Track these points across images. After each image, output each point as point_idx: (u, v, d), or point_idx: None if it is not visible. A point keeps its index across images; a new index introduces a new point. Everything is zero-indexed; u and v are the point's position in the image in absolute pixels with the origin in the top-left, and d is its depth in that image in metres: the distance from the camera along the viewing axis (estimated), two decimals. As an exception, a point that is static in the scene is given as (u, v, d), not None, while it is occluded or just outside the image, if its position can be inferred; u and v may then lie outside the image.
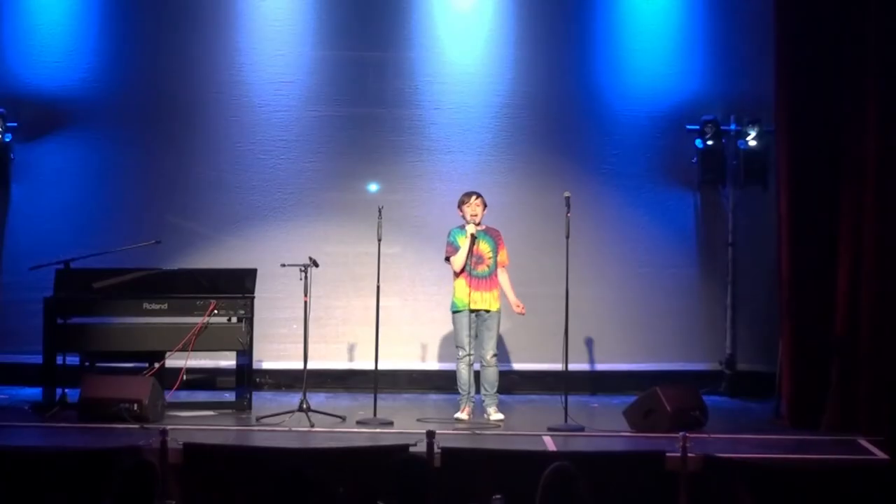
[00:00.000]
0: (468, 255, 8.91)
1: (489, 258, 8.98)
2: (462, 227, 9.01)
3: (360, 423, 8.70)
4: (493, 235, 9.07)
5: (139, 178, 10.66)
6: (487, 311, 8.94)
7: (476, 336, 8.94)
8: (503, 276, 9.08)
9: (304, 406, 8.69)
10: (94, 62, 10.67)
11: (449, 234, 9.08)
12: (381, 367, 9.02)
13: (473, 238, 8.92)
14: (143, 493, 5.25)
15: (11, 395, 9.73)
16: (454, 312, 8.99)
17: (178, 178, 10.67)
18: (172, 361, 9.20)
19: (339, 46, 10.80)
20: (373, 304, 8.93)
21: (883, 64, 8.73)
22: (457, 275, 8.98)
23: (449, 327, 9.25)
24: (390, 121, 10.80)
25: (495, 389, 8.99)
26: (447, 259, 9.05)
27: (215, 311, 9.16)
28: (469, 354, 8.91)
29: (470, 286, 8.89)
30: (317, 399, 9.45)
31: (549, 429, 8.51)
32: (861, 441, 8.18)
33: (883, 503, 7.05)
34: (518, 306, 9.05)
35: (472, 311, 8.90)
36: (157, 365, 9.06)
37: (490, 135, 10.83)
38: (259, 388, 10.18)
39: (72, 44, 10.68)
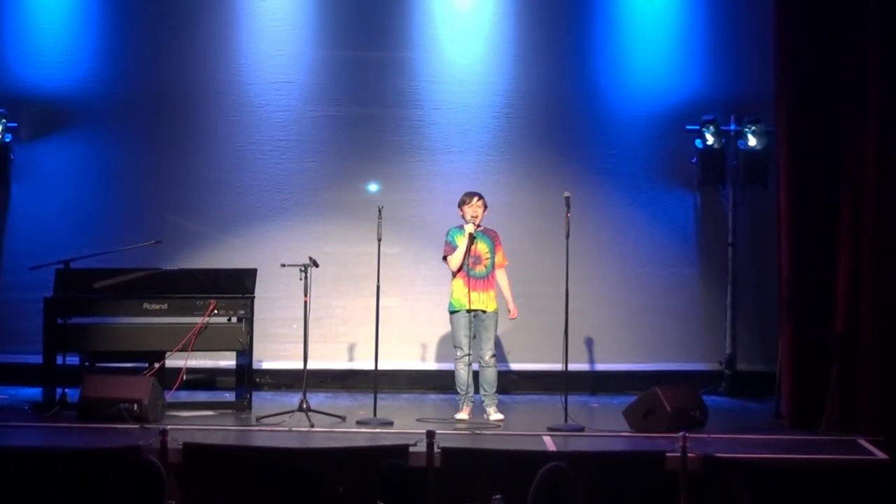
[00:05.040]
0: (466, 254, 8.91)
1: (487, 258, 8.99)
2: (460, 227, 9.01)
3: (360, 423, 8.69)
4: (490, 236, 9.07)
5: (139, 178, 10.66)
6: (485, 312, 8.94)
7: (474, 336, 8.94)
8: (503, 278, 9.09)
9: (304, 406, 8.68)
10: (94, 62, 10.68)
11: (447, 233, 9.09)
12: (380, 367, 9.02)
13: (471, 238, 8.93)
14: (149, 494, 5.23)
15: (11, 395, 9.73)
16: (452, 313, 8.99)
17: (178, 177, 10.68)
18: (172, 361, 9.20)
19: (339, 46, 10.80)
20: (373, 304, 8.92)
21: (883, 64, 8.72)
22: (454, 275, 8.99)
23: (449, 327, 9.24)
24: (390, 121, 10.80)
25: (494, 389, 8.99)
26: (445, 258, 9.06)
27: (215, 311, 9.16)
28: (467, 354, 8.92)
29: (468, 286, 8.89)
30: (317, 399, 9.45)
31: (549, 429, 8.51)
32: (861, 441, 8.18)
33: (883, 503, 7.05)
34: (511, 312, 9.05)
35: (469, 311, 8.91)
36: (157, 365, 9.05)
37: (490, 135, 10.84)
38: (259, 388, 10.18)
39: (72, 44, 10.69)
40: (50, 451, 7.33)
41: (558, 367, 8.88)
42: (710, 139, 10.63)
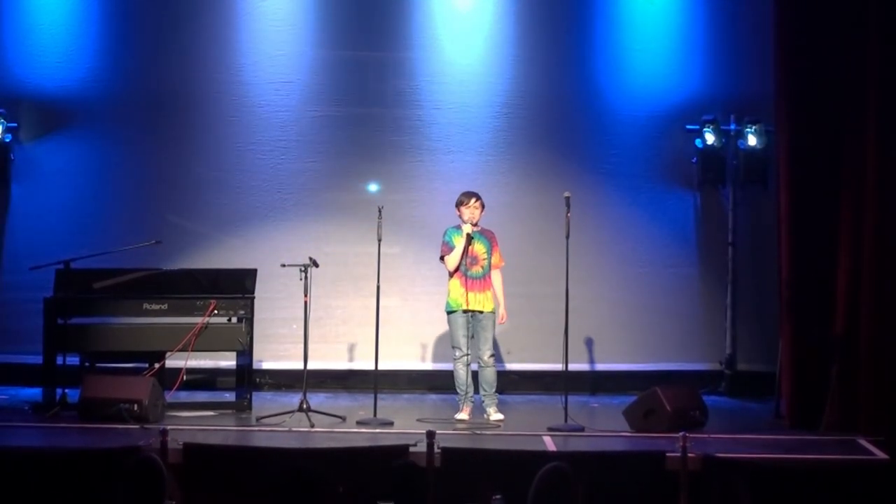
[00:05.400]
0: (463, 255, 8.91)
1: (484, 259, 8.98)
2: (458, 227, 9.01)
3: (360, 423, 8.69)
4: (488, 237, 9.07)
5: (139, 178, 10.67)
6: (482, 312, 8.94)
7: (472, 336, 8.94)
8: (497, 280, 9.07)
9: (304, 406, 8.68)
10: (94, 62, 10.68)
11: (444, 233, 9.09)
12: (380, 367, 9.01)
13: (469, 238, 8.92)
14: (150, 491, 5.23)
15: (11, 395, 9.73)
16: (449, 313, 8.99)
17: (178, 177, 10.69)
18: (172, 361, 9.20)
19: (340, 46, 10.80)
20: (373, 304, 8.92)
21: (883, 64, 8.72)
22: (451, 275, 8.98)
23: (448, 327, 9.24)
24: (390, 121, 10.81)
25: (494, 389, 8.99)
26: (442, 258, 9.06)
27: (215, 311, 9.16)
28: (466, 354, 8.92)
29: (465, 287, 8.89)
30: (317, 399, 9.45)
31: (549, 429, 8.51)
32: (861, 441, 8.17)
33: (883, 503, 7.05)
34: (501, 317, 9.04)
35: (466, 311, 8.90)
36: (157, 365, 9.05)
37: (490, 135, 10.84)
38: (259, 388, 10.19)
39: (72, 44, 10.69)
40: (50, 451, 7.32)
41: (558, 367, 8.88)
42: (710, 139, 10.63)
